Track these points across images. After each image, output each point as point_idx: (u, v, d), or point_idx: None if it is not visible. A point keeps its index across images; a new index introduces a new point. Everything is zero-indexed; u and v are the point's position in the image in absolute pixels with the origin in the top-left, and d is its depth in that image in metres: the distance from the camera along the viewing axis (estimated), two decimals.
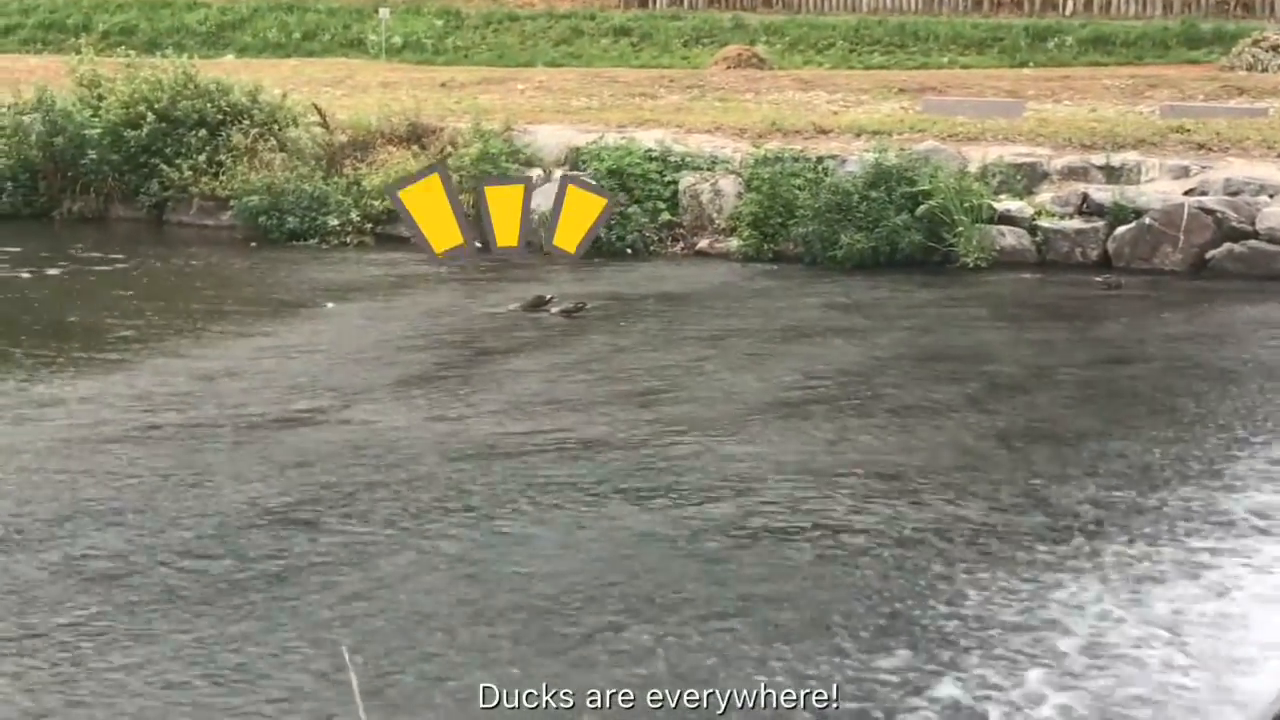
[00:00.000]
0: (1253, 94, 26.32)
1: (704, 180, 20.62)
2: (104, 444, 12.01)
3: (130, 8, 55.52)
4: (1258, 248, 17.99)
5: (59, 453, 11.76)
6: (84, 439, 12.12)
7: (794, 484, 10.80)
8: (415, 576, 9.21)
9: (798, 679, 7.66)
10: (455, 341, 15.76)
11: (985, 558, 9.27)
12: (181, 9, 55.89)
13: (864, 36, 48.52)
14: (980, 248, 18.55)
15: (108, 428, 12.43)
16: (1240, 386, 13.35)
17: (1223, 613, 8.39)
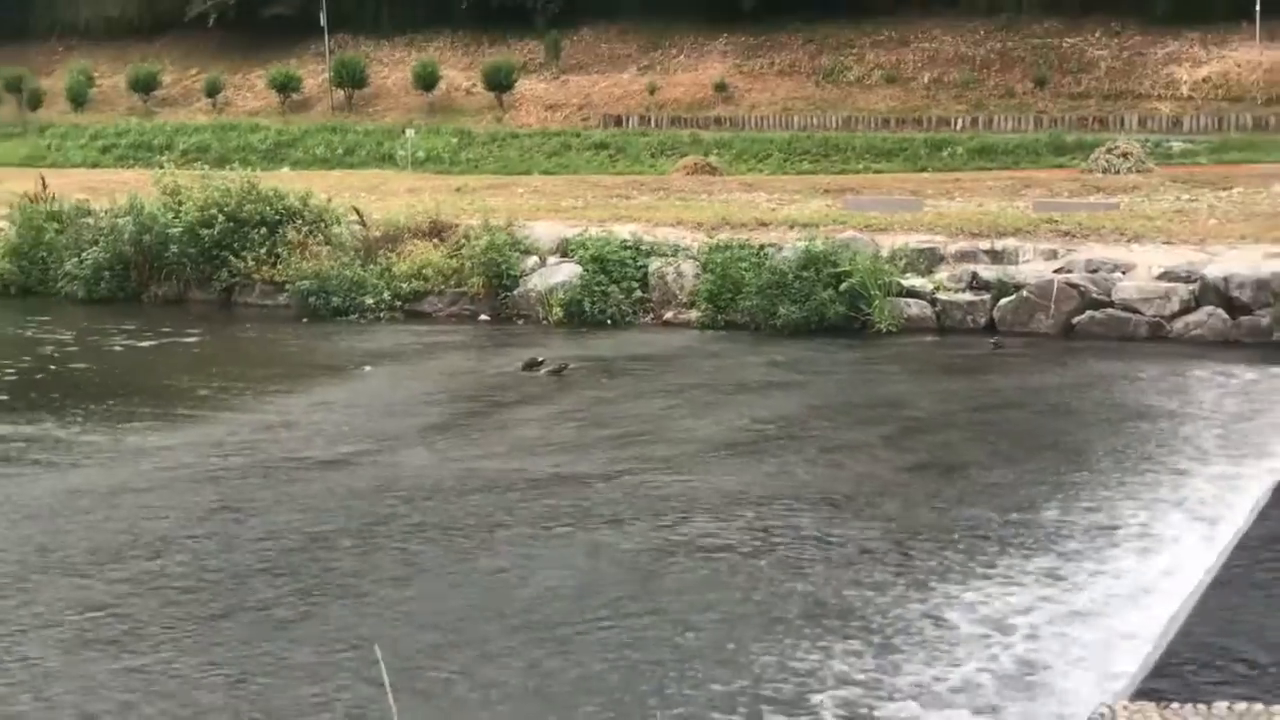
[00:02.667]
0: (1107, 191, 26.56)
1: (669, 264, 20.69)
2: (184, 482, 12.06)
3: (204, 130, 55.82)
4: (1114, 314, 18.09)
5: (149, 490, 11.82)
6: (168, 479, 12.17)
7: (745, 508, 10.88)
8: (437, 587, 9.28)
9: (750, 653, 7.72)
10: (468, 396, 15.82)
11: (895, 563, 9.38)
12: (246, 131, 56.14)
13: (795, 148, 49.02)
14: (891, 316, 18.65)
15: (187, 470, 12.48)
16: (1101, 426, 13.43)
17: (1074, 608, 8.45)
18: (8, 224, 25.39)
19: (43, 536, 10.49)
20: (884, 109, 57.86)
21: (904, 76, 60.10)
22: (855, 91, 59.72)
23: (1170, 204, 24.41)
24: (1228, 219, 22.04)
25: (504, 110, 59.75)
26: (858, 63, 61.41)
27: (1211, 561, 8.50)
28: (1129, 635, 7.85)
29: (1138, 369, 16.05)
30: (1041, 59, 58.96)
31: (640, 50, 64.37)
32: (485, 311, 21.12)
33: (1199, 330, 17.58)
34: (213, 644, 8.26)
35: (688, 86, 61.80)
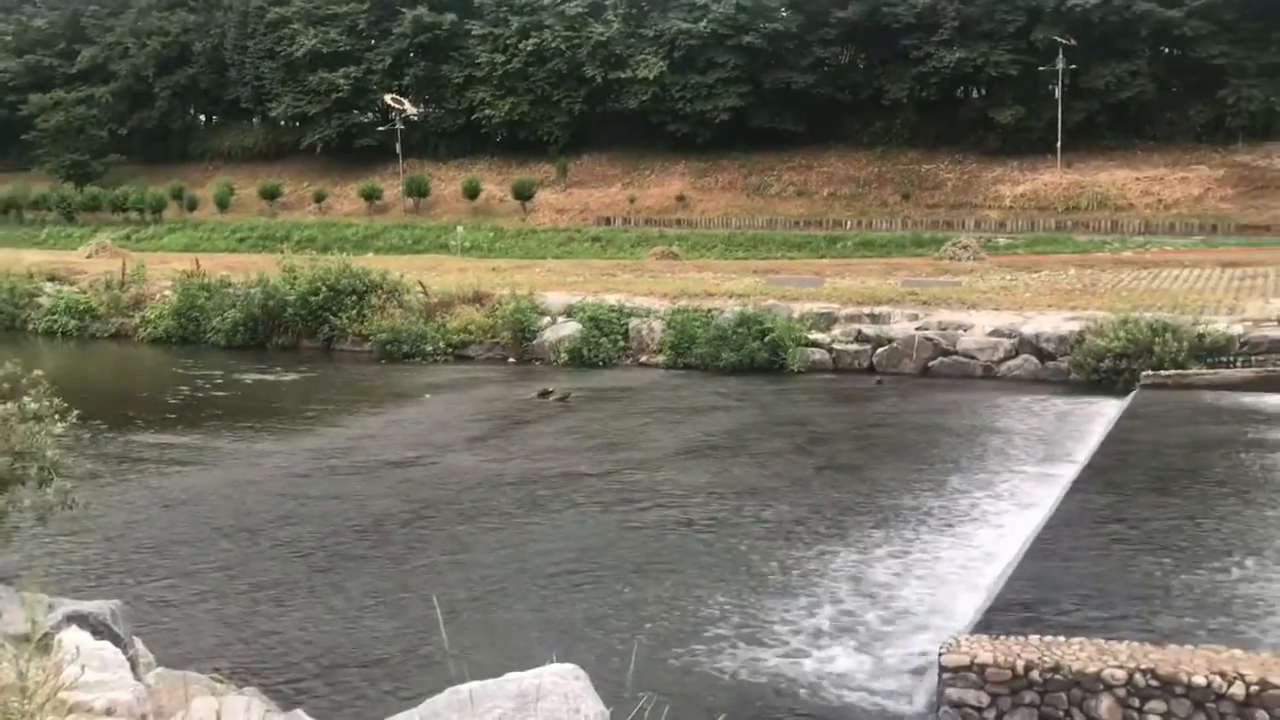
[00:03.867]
0: (953, 273, 26.71)
1: (643, 322, 20.73)
2: (295, 478, 12.00)
3: (312, 227, 55.94)
4: (958, 360, 18.17)
5: (270, 482, 11.76)
6: (284, 475, 12.11)
7: (697, 496, 10.87)
8: (477, 552, 9.24)
9: (696, 595, 7.71)
10: (499, 416, 15.78)
11: (804, 539, 9.37)
12: (342, 227, 56.23)
13: (733, 241, 49.25)
14: (801, 361, 18.70)
15: (298, 469, 12.42)
16: (950, 439, 13.44)
17: (932, 567, 8.47)
18: (171, 292, 25.34)
19: (204, 515, 10.47)
20: (795, 214, 58.31)
21: (810, 191, 60.59)
22: (775, 201, 60.16)
23: (998, 282, 24.56)
24: (1038, 293, 22.19)
25: (527, 213, 60.01)
26: (777, 181, 61.89)
27: (1029, 535, 8.51)
28: (971, 586, 7.86)
29: (975, 399, 16.10)
30: (907, 179, 59.50)
31: (624, 171, 64.80)
32: (512, 356, 21.10)
33: (1019, 372, 17.67)
34: (314, 593, 8.23)
35: (657, 197, 62.19)
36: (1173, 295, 20.54)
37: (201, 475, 12.14)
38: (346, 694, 6.53)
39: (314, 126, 66.83)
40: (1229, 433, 12.03)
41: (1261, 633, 6.18)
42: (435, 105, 66.28)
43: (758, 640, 7.07)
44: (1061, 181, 56.05)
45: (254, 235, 55.70)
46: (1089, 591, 6.94)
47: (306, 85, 65.59)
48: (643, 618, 7.57)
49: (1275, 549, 7.71)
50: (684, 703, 5.67)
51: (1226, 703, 4.79)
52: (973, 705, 5.12)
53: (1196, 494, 9.39)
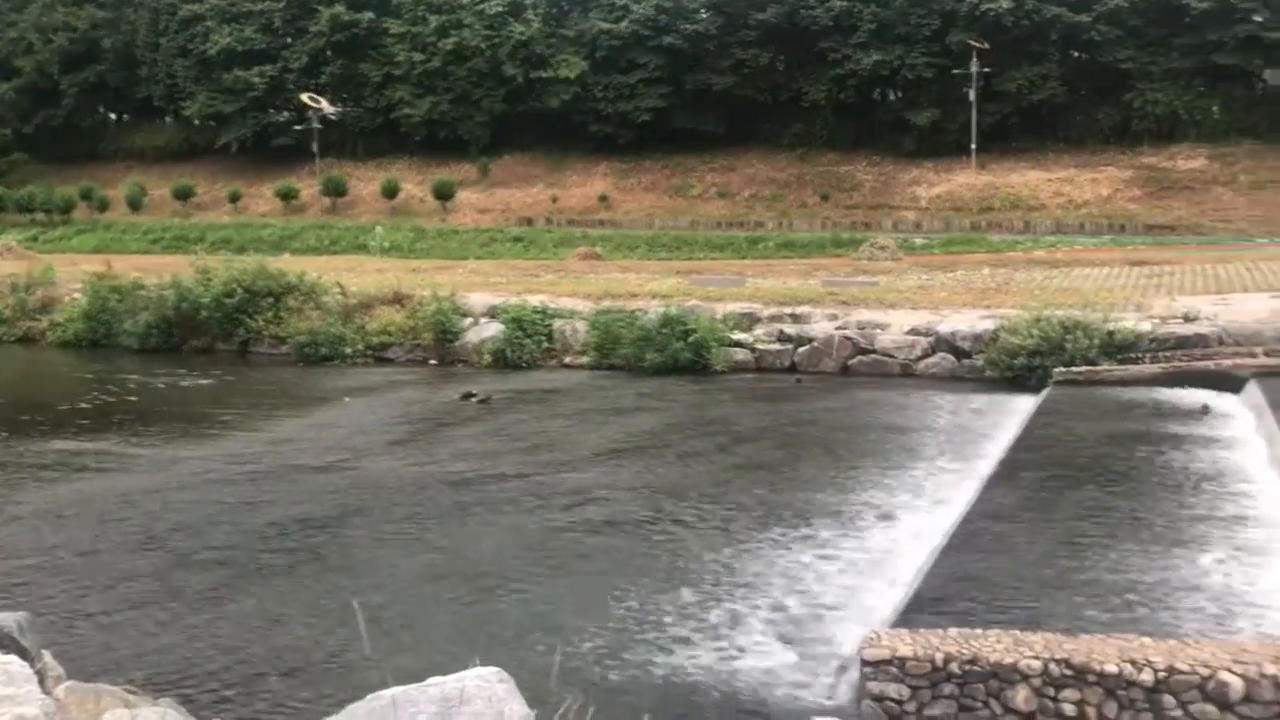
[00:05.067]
0: (871, 273, 27.09)
1: (567, 323, 20.67)
2: (211, 483, 11.77)
3: (227, 228, 55.00)
4: (877, 359, 18.41)
5: (185, 489, 11.51)
6: (200, 481, 11.87)
7: (622, 496, 10.88)
8: (399, 556, 9.14)
9: (626, 604, 7.71)
10: (421, 419, 15.63)
11: (727, 538, 9.41)
12: (258, 228, 55.37)
13: (656, 242, 49.36)
14: (724, 360, 18.80)
15: (214, 475, 12.18)
16: (869, 436, 13.63)
17: (852, 562, 8.58)
18: (81, 295, 24.70)
19: (116, 523, 10.20)
20: (717, 215, 58.66)
21: (731, 192, 61.01)
22: (698, 203, 60.47)
23: (915, 282, 24.96)
24: (954, 292, 22.60)
25: (448, 213, 59.55)
26: (699, 182, 62.19)
27: (947, 529, 8.64)
28: (891, 582, 7.96)
29: (893, 397, 16.33)
30: (826, 181, 60.20)
31: (546, 171, 64.61)
32: (434, 358, 20.92)
33: (935, 369, 17.95)
34: (233, 600, 8.07)
35: (579, 197, 62.10)
36: (1083, 293, 21.04)
37: (113, 482, 11.83)
38: (265, 703, 6.41)
39: (229, 126, 65.60)
40: (1138, 427, 12.37)
41: (1172, 620, 6.36)
42: (353, 104, 65.44)
43: (682, 639, 7.09)
44: (976, 183, 57.17)
45: (167, 236, 54.49)
46: (1005, 584, 7.08)
47: (221, 84, 64.34)
48: (567, 619, 7.55)
49: (1181, 539, 7.95)
50: (609, 704, 5.66)
51: (1136, 689, 4.92)
52: (894, 698, 5.19)
53: (1107, 487, 9.63)
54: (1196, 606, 6.67)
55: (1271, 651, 5.01)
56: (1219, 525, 8.35)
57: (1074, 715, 4.97)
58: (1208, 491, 9.38)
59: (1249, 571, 7.34)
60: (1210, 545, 7.84)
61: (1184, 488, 9.51)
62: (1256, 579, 7.19)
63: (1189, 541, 7.92)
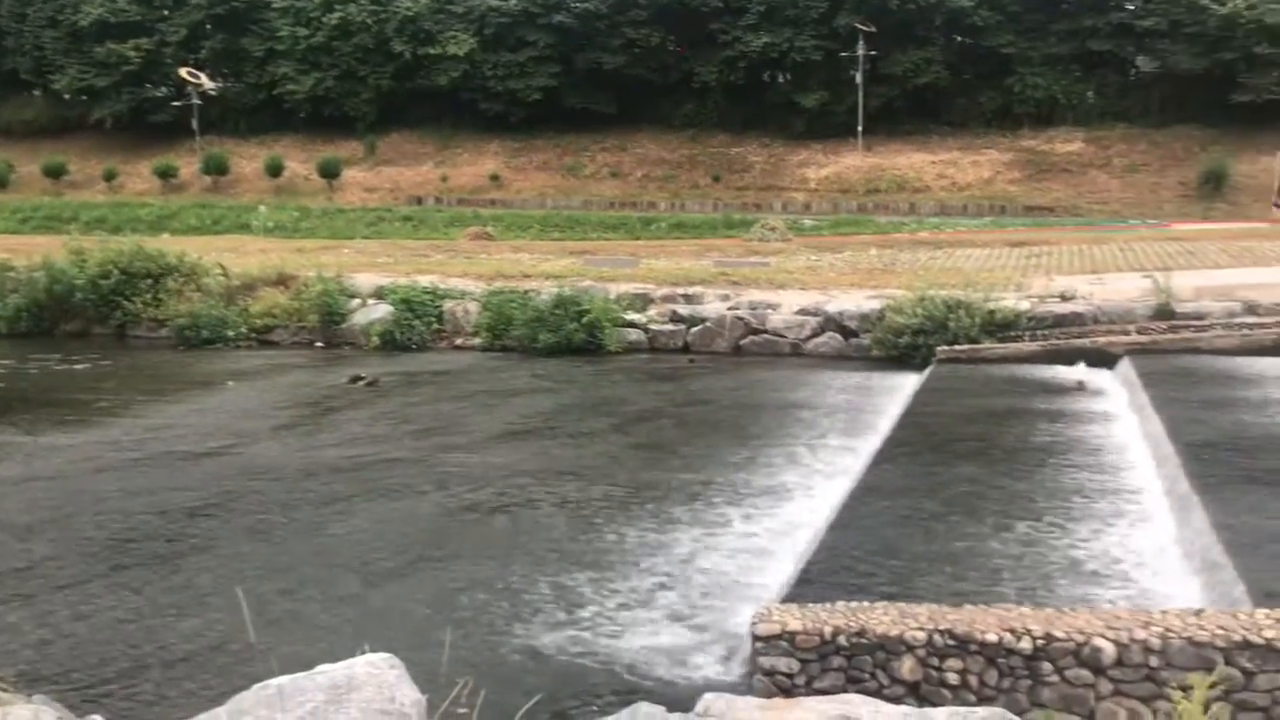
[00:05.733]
0: (762, 254, 27.40)
1: (459, 304, 20.48)
2: (87, 472, 11.37)
3: (102, 207, 52.94)
4: (768, 338, 18.67)
5: (59, 478, 11.11)
6: (75, 470, 11.46)
7: (516, 478, 10.83)
8: (287, 543, 8.97)
9: (520, 586, 7.69)
10: (307, 403, 15.33)
11: (622, 517, 9.44)
12: (135, 207, 53.51)
13: (549, 222, 49.13)
14: (617, 341, 18.86)
15: (90, 462, 11.77)
16: (762, 414, 13.80)
17: (746, 541, 8.69)
18: None
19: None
20: (610, 195, 58.67)
21: (624, 173, 61.06)
22: (590, 182, 60.38)
23: (804, 262, 25.33)
24: (842, 272, 23.00)
25: (334, 192, 58.42)
26: (591, 162, 62.09)
27: (836, 505, 8.79)
28: (782, 558, 8.09)
29: (784, 376, 16.58)
30: (717, 162, 60.63)
31: (435, 149, 63.80)
32: (320, 340, 20.53)
33: (824, 349, 18.27)
34: (111, 592, 7.82)
35: (470, 176, 61.50)
36: (966, 274, 21.61)
37: None
38: (147, 696, 6.24)
39: (103, 101, 63.26)
40: (1017, 403, 12.77)
41: (1050, 589, 6.60)
42: (234, 80, 63.69)
43: (576, 620, 7.11)
44: (863, 165, 58.23)
45: (38, 216, 52.29)
46: (892, 557, 7.25)
47: (93, 57, 61.98)
48: (461, 603, 7.50)
49: (1058, 513, 8.24)
50: (502, 685, 5.65)
51: (1016, 657, 5.09)
52: (784, 672, 5.28)
53: (988, 461, 9.93)
54: (1074, 575, 6.93)
55: (1141, 618, 5.23)
56: (1095, 496, 8.67)
57: (957, 684, 5.12)
58: (1084, 464, 9.74)
59: (1123, 539, 7.64)
60: (1086, 516, 8.15)
61: (1062, 461, 9.85)
62: (1130, 546, 7.50)
63: (1067, 512, 8.21)
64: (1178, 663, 4.89)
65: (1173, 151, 55.70)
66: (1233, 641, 4.90)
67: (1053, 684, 5.05)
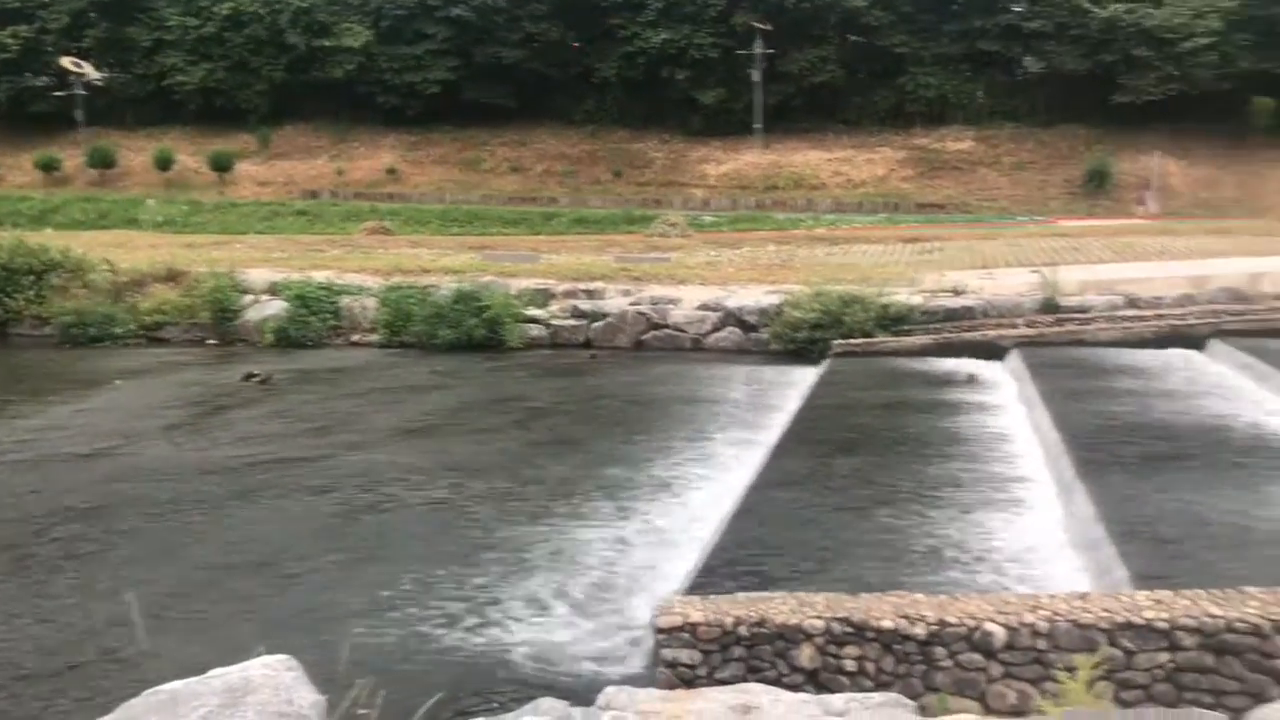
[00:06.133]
0: (663, 249, 27.51)
1: (356, 300, 20.17)
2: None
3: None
4: (669, 333, 18.76)
5: None
6: None
7: (415, 476, 10.72)
8: (180, 546, 8.74)
9: (422, 584, 7.61)
10: (199, 402, 14.95)
11: (524, 513, 9.41)
12: (15, 200, 51.59)
13: (448, 217, 48.67)
14: (519, 337, 18.77)
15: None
16: (664, 409, 13.87)
17: (648, 534, 8.73)
18: None
19: None
20: (510, 190, 58.35)
21: (524, 167, 60.79)
22: (490, 177, 59.99)
23: (704, 258, 25.50)
24: (741, 268, 23.22)
25: (226, 186, 57.09)
26: (491, 156, 61.67)
27: (736, 497, 8.88)
28: (684, 550, 8.14)
29: (685, 370, 16.69)
30: (617, 157, 60.72)
31: (331, 142, 62.75)
32: (212, 337, 20.03)
33: (725, 343, 18.44)
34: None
35: (367, 170, 60.62)
36: (861, 269, 22.00)
37: None
38: (33, 706, 6.03)
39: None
40: (911, 395, 13.05)
41: (944, 575, 6.76)
42: (121, 70, 61.64)
43: (479, 617, 7.07)
44: (761, 161, 58.87)
45: None
46: (791, 547, 7.36)
47: None
48: (360, 602, 7.39)
49: (952, 501, 8.44)
50: (403, 685, 5.59)
51: (911, 643, 5.21)
52: (686, 664, 5.32)
53: (884, 452, 10.13)
54: (966, 561, 7.11)
55: (1030, 602, 5.39)
56: (985, 485, 8.91)
57: (854, 671, 5.22)
58: (975, 454, 10.00)
59: (1014, 526, 7.87)
60: (978, 503, 8.37)
61: (953, 451, 10.10)
62: (1017, 531, 7.72)
63: (959, 501, 8.42)
64: (1064, 645, 5.06)
65: (1058, 150, 57.44)
66: (1115, 623, 5.09)
67: (946, 668, 5.18)
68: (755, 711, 3.35)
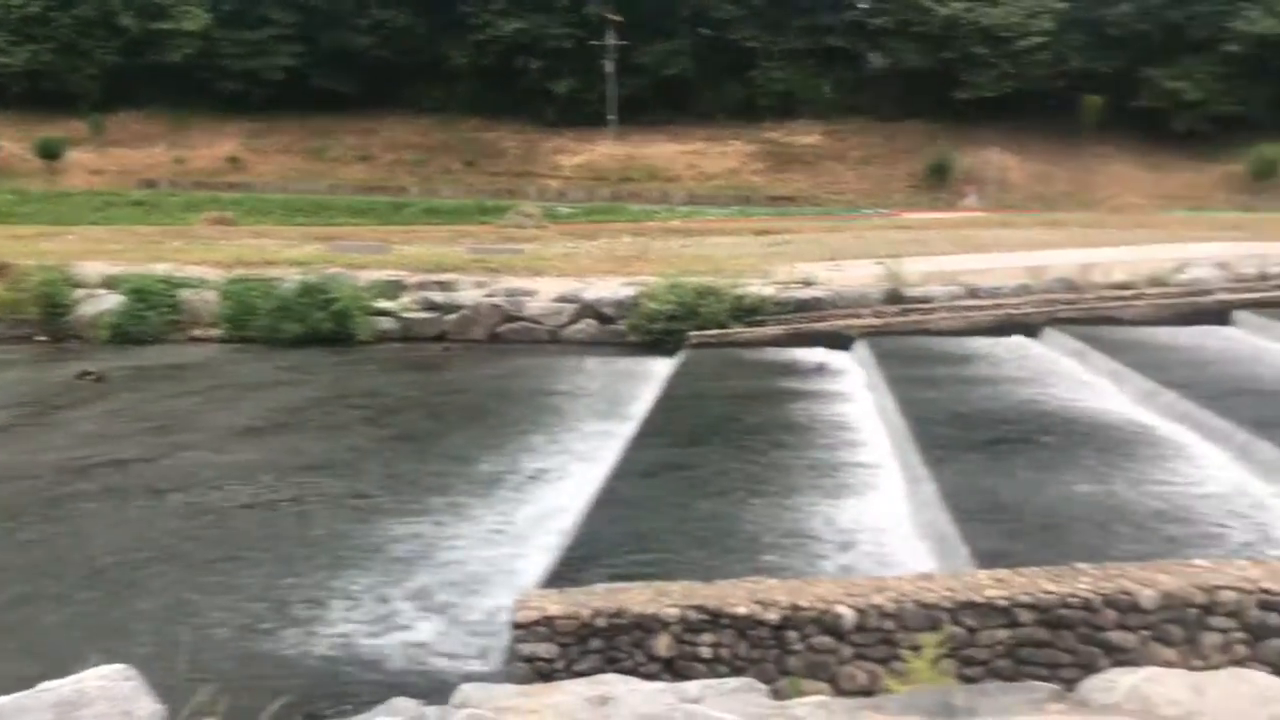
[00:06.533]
0: (518, 241, 27.35)
1: (196, 294, 19.43)
2: None
3: None
4: (526, 325, 18.67)
5: None
6: None
7: (261, 476, 10.42)
8: (5, 554, 8.29)
9: (271, 587, 7.41)
10: (29, 401, 14.21)
11: (377, 511, 9.24)
12: None
13: (293, 207, 47.40)
14: (369, 330, 18.39)
15: None
16: (521, 402, 13.79)
17: (505, 529, 8.68)
18: None
19: None
20: (358, 179, 57.22)
21: (372, 156, 59.69)
22: (337, 166, 58.71)
23: (560, 250, 25.46)
24: (597, 260, 23.26)
25: (55, 174, 54.38)
26: (338, 145, 60.38)
27: (594, 490, 8.90)
28: (542, 544, 8.12)
29: (543, 363, 16.64)
30: (470, 147, 60.14)
31: (168, 129, 60.49)
32: (42, 333, 19.03)
33: (581, 335, 18.45)
34: None
35: (208, 158, 58.68)
36: (715, 261, 22.30)
37: None
38: None
39: None
40: (764, 385, 13.31)
41: (796, 560, 6.92)
42: None
43: (329, 619, 6.91)
44: (616, 153, 59.12)
45: None
46: (650, 538, 7.42)
47: None
48: (202, 607, 7.15)
49: (803, 488, 8.64)
50: (249, 691, 5.41)
51: (764, 628, 5.31)
52: (544, 658, 5.31)
53: (737, 441, 10.31)
54: (819, 545, 7.29)
55: (877, 584, 5.56)
56: (835, 470, 9.16)
57: (710, 657, 5.30)
58: (825, 441, 10.26)
59: (863, 510, 8.11)
60: (828, 489, 8.59)
61: (805, 439, 10.35)
62: (867, 515, 7.96)
63: (810, 487, 8.63)
64: (910, 624, 5.23)
65: (902, 144, 59.29)
66: (958, 602, 5.29)
67: (798, 652, 5.30)
68: (612, 702, 3.36)
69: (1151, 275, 18.31)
